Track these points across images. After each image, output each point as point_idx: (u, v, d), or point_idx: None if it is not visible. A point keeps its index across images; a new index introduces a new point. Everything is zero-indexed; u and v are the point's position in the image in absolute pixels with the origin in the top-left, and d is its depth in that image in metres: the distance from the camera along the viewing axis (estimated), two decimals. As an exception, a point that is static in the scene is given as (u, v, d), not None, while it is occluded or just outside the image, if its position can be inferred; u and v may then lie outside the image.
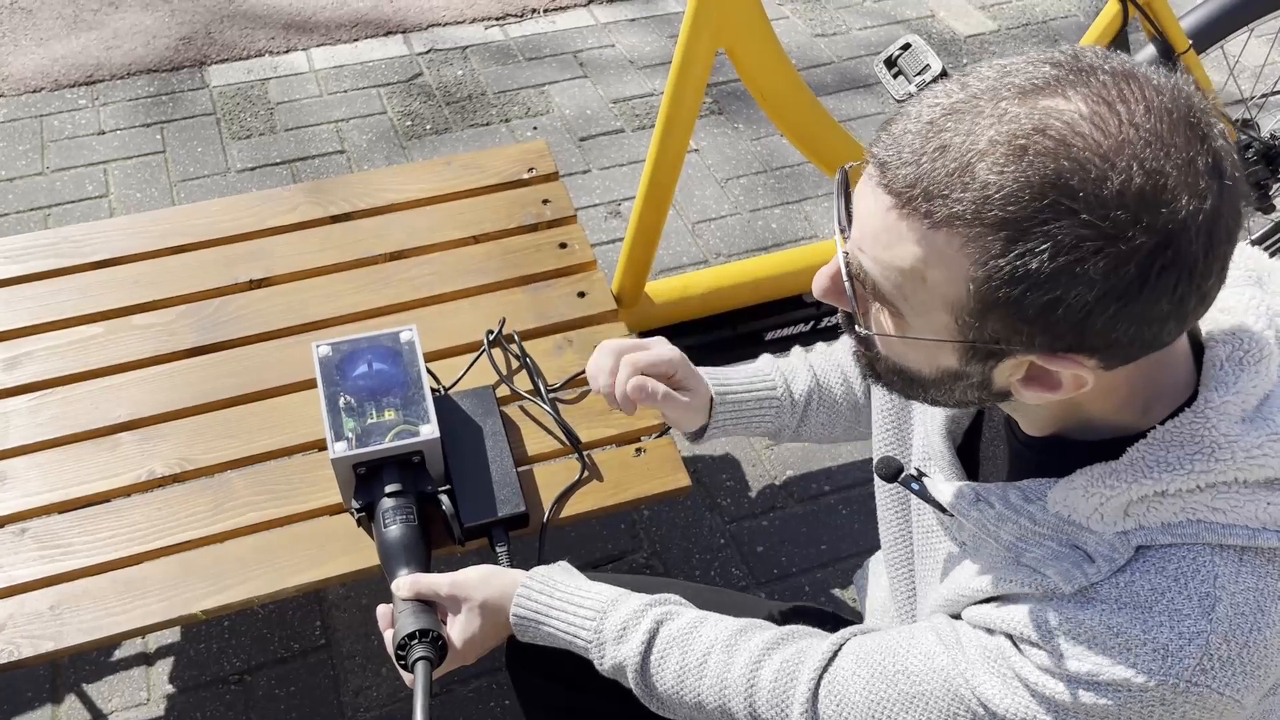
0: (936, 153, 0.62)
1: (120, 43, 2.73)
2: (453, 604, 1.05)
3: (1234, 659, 0.67)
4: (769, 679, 0.91)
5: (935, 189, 0.62)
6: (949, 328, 0.67)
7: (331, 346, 1.27)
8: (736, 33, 1.29)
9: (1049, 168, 0.59)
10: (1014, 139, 0.60)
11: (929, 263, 0.64)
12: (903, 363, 0.73)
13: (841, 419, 1.18)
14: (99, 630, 1.16)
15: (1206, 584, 0.68)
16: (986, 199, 0.60)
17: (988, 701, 0.76)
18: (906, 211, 0.63)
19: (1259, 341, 0.70)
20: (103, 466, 1.29)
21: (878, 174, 0.65)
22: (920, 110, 0.65)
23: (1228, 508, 0.68)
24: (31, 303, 1.45)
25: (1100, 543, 0.71)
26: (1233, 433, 0.68)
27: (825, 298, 0.74)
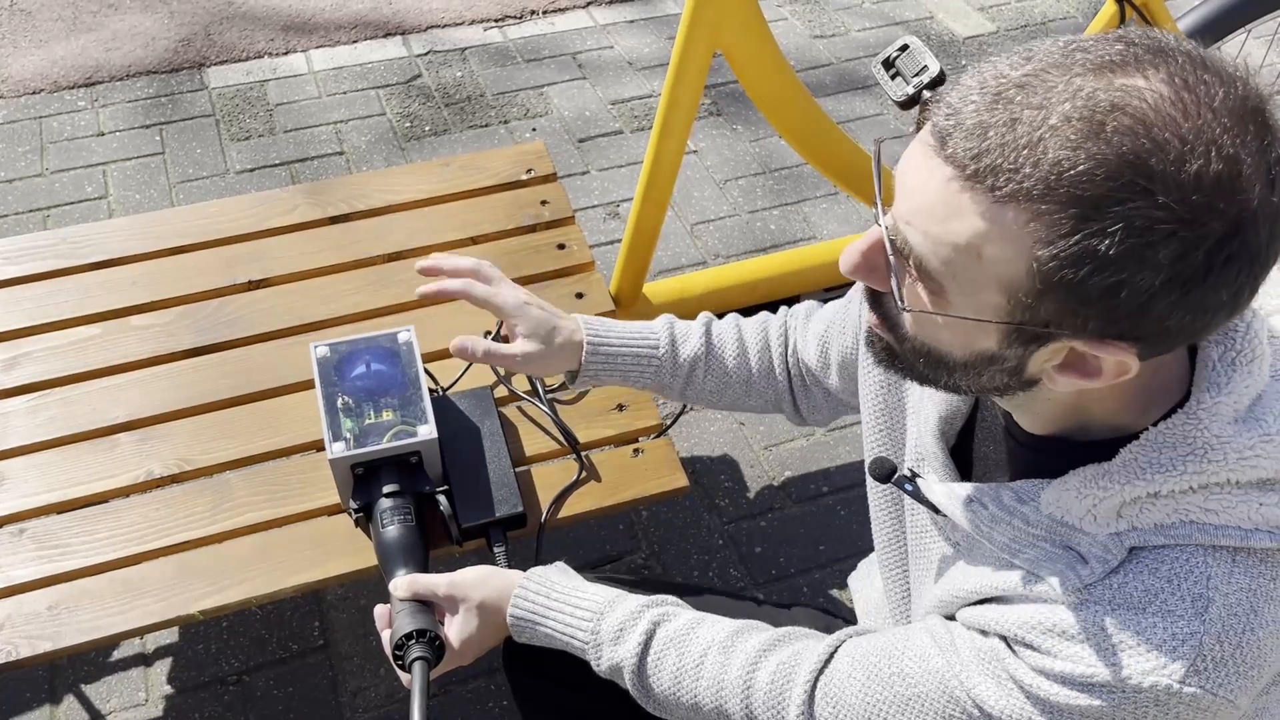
0: (1005, 126, 0.59)
1: (120, 44, 2.74)
2: (450, 604, 1.05)
3: (1227, 659, 0.67)
4: (765, 681, 0.91)
5: (1004, 163, 0.59)
6: (999, 308, 0.64)
7: (329, 347, 1.27)
8: (733, 34, 1.29)
9: (1127, 146, 0.57)
10: (1091, 115, 0.58)
11: (989, 239, 0.61)
12: (934, 344, 0.71)
13: (731, 389, 1.17)
14: (97, 630, 1.16)
15: (1199, 585, 0.68)
16: (1059, 175, 0.58)
17: (982, 703, 0.76)
18: (970, 184, 0.61)
19: (1252, 342, 0.70)
20: (101, 467, 1.29)
21: (937, 144, 0.63)
22: (984, 81, 0.62)
23: (1220, 509, 0.68)
24: (30, 304, 1.45)
25: (1094, 544, 0.71)
26: (1225, 434, 0.68)
27: (855, 274, 0.71)
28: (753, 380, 1.17)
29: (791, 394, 1.18)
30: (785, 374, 1.18)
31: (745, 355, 1.17)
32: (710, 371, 1.16)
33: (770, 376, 1.18)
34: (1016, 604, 0.76)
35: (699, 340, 1.16)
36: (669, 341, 1.14)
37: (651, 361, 1.13)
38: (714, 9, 1.27)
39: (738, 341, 1.17)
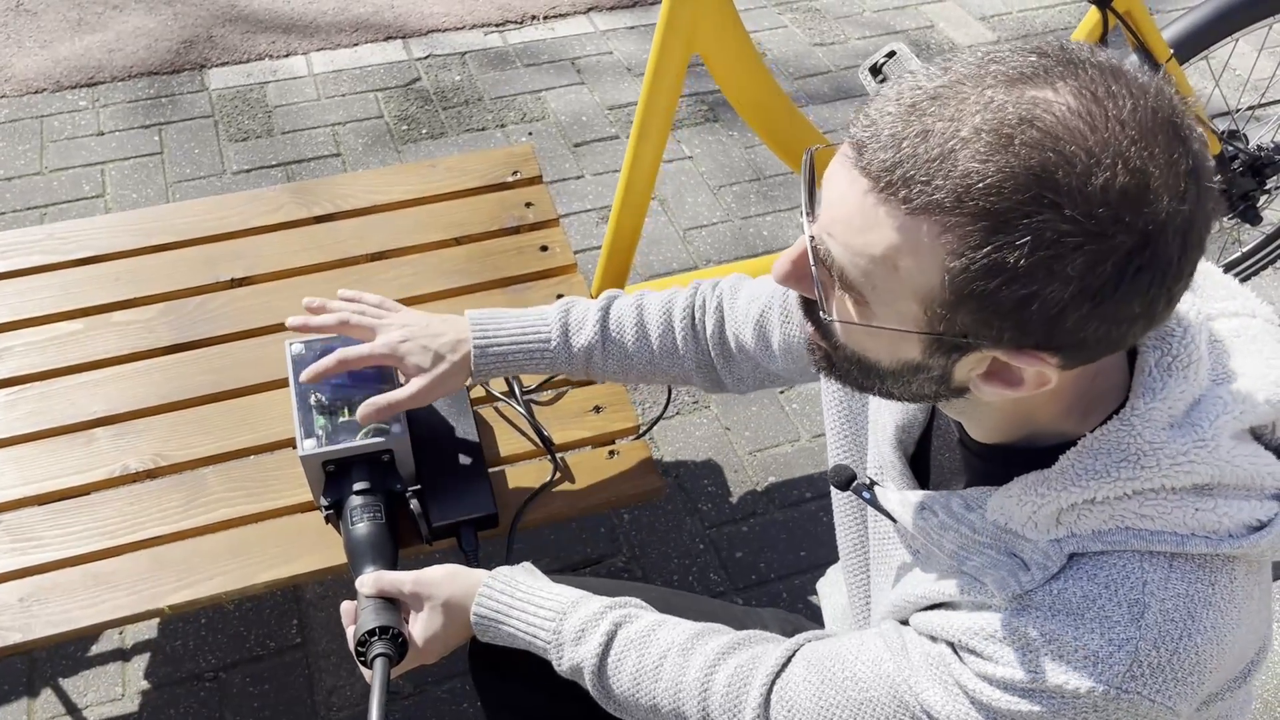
0: (918, 138, 0.60)
1: (123, 45, 2.76)
2: (415, 601, 1.05)
3: (1164, 665, 0.66)
4: (723, 684, 0.91)
5: (916, 174, 0.59)
6: (916, 318, 0.65)
7: (305, 345, 1.27)
8: (709, 38, 1.30)
9: (1034, 160, 0.57)
10: (1000, 127, 0.58)
11: (903, 250, 0.62)
12: (862, 352, 0.71)
13: (635, 368, 1.18)
14: (67, 623, 1.16)
15: (1135, 590, 0.67)
16: (968, 188, 0.58)
17: (929, 707, 0.76)
18: (884, 196, 0.61)
19: (1189, 347, 0.70)
20: (77, 461, 1.30)
21: (854, 155, 0.63)
22: (900, 93, 0.62)
23: (1155, 514, 0.68)
24: (14, 298, 1.46)
25: (1035, 550, 0.71)
26: (1158, 440, 0.68)
27: (786, 282, 0.72)
28: (655, 359, 1.18)
29: (711, 366, 1.18)
30: (697, 351, 1.17)
31: (646, 335, 1.17)
32: (609, 355, 1.17)
33: (674, 354, 1.17)
34: (963, 610, 0.76)
35: (594, 327, 1.16)
36: (561, 332, 1.16)
37: (545, 354, 1.15)
38: (690, 12, 1.27)
39: (637, 323, 1.17)
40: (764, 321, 1.11)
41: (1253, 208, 1.79)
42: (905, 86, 0.63)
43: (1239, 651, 0.71)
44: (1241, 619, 0.69)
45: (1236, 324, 0.76)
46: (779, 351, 1.10)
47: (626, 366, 1.17)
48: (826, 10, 3.04)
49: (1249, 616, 0.70)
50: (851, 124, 0.64)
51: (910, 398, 0.74)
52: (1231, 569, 0.69)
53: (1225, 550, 0.67)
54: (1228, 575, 0.68)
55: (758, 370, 1.16)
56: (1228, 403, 0.69)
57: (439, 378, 1.13)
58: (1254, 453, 0.69)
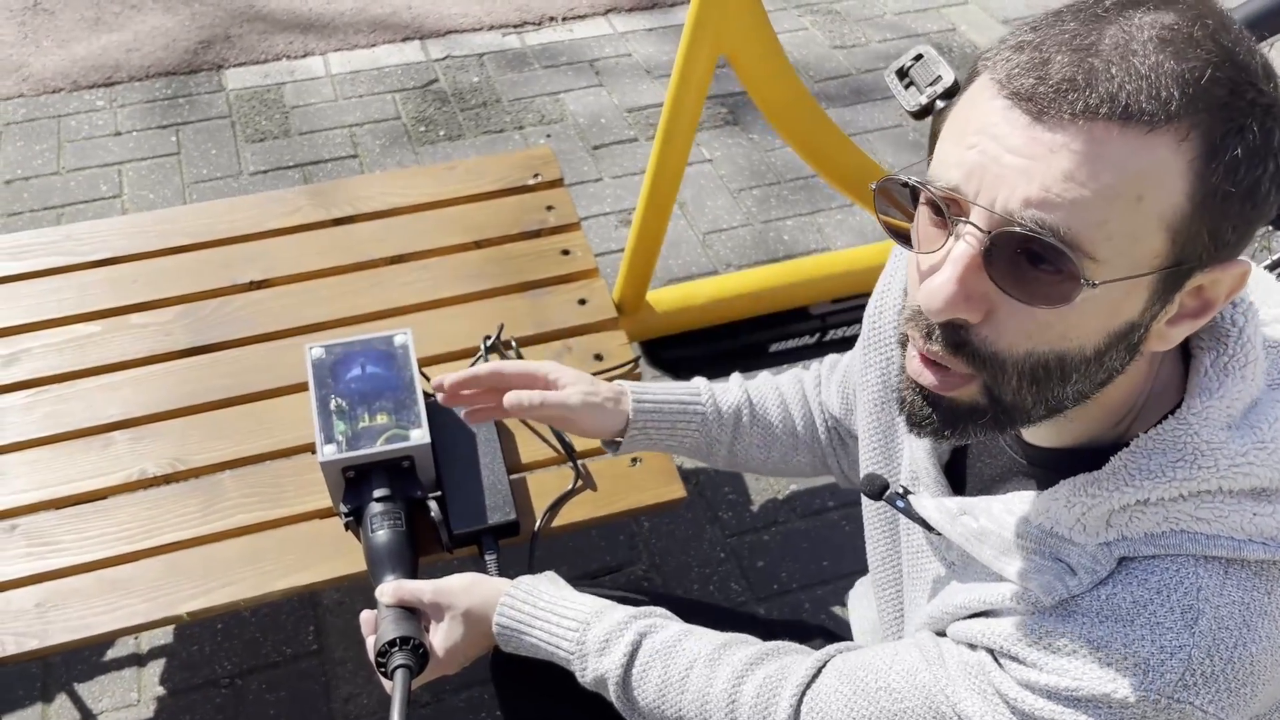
0: (1116, 64, 0.57)
1: (140, 45, 2.75)
2: (435, 611, 1.03)
3: (1217, 675, 0.64)
4: (751, 695, 0.89)
5: (1141, 94, 0.56)
6: (1158, 253, 0.59)
7: (325, 349, 1.26)
8: (737, 40, 1.28)
9: (1215, 51, 0.57)
10: (1171, 31, 0.57)
11: (1146, 177, 0.57)
12: (1056, 348, 0.63)
13: (779, 443, 1.13)
14: (84, 630, 1.15)
15: (1190, 596, 0.65)
16: (1192, 86, 0.56)
17: (966, 717, 0.74)
18: (1113, 128, 0.56)
19: (1245, 347, 0.68)
20: (95, 465, 1.28)
21: (1039, 111, 0.58)
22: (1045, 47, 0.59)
23: (1212, 518, 0.65)
24: (32, 300, 1.45)
25: (1083, 555, 0.69)
26: (1216, 439, 0.65)
27: (954, 309, 0.62)
28: (799, 434, 1.14)
29: (834, 451, 1.15)
30: (825, 428, 1.15)
31: (787, 409, 1.14)
32: (755, 422, 1.12)
33: (813, 429, 1.15)
34: (1005, 616, 0.74)
35: (739, 392, 1.13)
36: (709, 392, 1.12)
37: (696, 411, 1.10)
38: (717, 13, 1.25)
39: (777, 395, 1.15)
40: (846, 382, 1.09)
41: None
42: (1048, 40, 0.59)
43: None
44: None
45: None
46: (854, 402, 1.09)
47: (770, 439, 1.13)
48: (847, 13, 3.02)
49: None
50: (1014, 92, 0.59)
51: (1074, 398, 0.67)
52: None
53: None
54: None
55: None
56: None
57: (594, 405, 1.06)
58: None
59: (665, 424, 1.09)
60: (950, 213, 0.62)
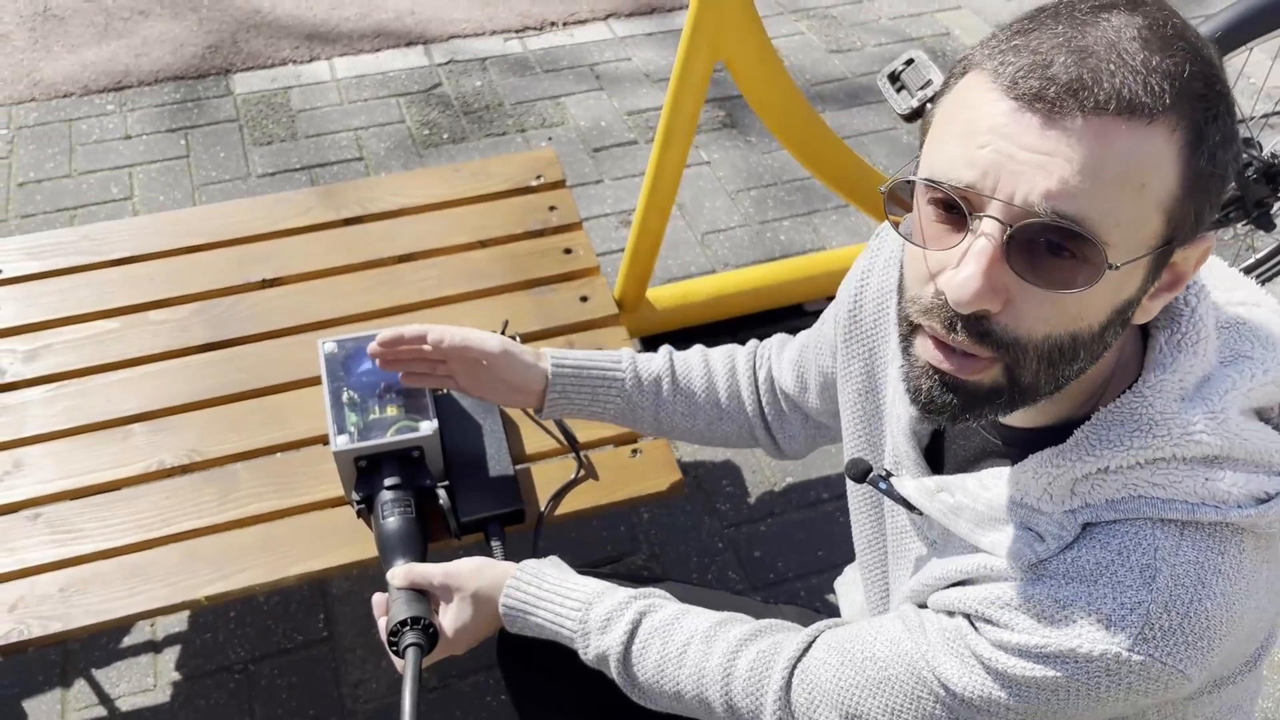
0: (1113, 62, 0.61)
1: (149, 50, 2.80)
2: (445, 593, 1.07)
3: (1175, 629, 0.69)
4: (745, 669, 0.93)
5: (1140, 89, 0.61)
6: (1156, 233, 0.65)
7: (337, 343, 1.30)
8: (734, 45, 1.33)
9: (1188, 46, 0.63)
10: (1151, 29, 0.63)
11: (1148, 164, 0.62)
12: (1070, 329, 0.67)
13: (702, 412, 1.19)
14: (106, 613, 1.20)
15: (1148, 556, 0.70)
16: (1179, 79, 0.62)
17: (947, 681, 0.78)
18: (1119, 122, 0.61)
19: (1197, 326, 0.73)
20: (114, 456, 1.33)
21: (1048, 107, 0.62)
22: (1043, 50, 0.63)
23: (1167, 483, 0.70)
24: (52, 297, 1.50)
25: (1050, 522, 0.74)
26: (1169, 410, 0.70)
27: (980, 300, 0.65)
28: (722, 405, 1.19)
29: (765, 424, 1.20)
30: (756, 403, 1.20)
31: (712, 380, 1.19)
32: (678, 392, 1.18)
33: (739, 402, 1.19)
34: (980, 584, 0.78)
35: (663, 362, 1.19)
36: (631, 361, 1.18)
37: (615, 378, 1.16)
38: (715, 19, 1.30)
39: (703, 367, 1.20)
40: (803, 361, 1.14)
41: (1266, 214, 1.80)
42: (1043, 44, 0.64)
43: (1249, 626, 0.73)
44: (1250, 591, 0.71)
45: (1243, 312, 0.79)
46: (815, 388, 1.13)
47: (693, 408, 1.18)
48: (843, 18, 3.07)
49: (1258, 590, 0.72)
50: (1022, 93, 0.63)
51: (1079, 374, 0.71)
52: (1240, 541, 0.71)
53: (1234, 519, 0.70)
54: (1236, 546, 0.71)
55: (806, 425, 1.19)
56: (1236, 380, 0.73)
57: (515, 358, 1.13)
58: (1261, 429, 0.72)
59: (585, 389, 1.15)
60: (969, 210, 0.65)
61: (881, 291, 0.99)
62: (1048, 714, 0.75)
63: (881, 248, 1.00)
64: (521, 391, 1.15)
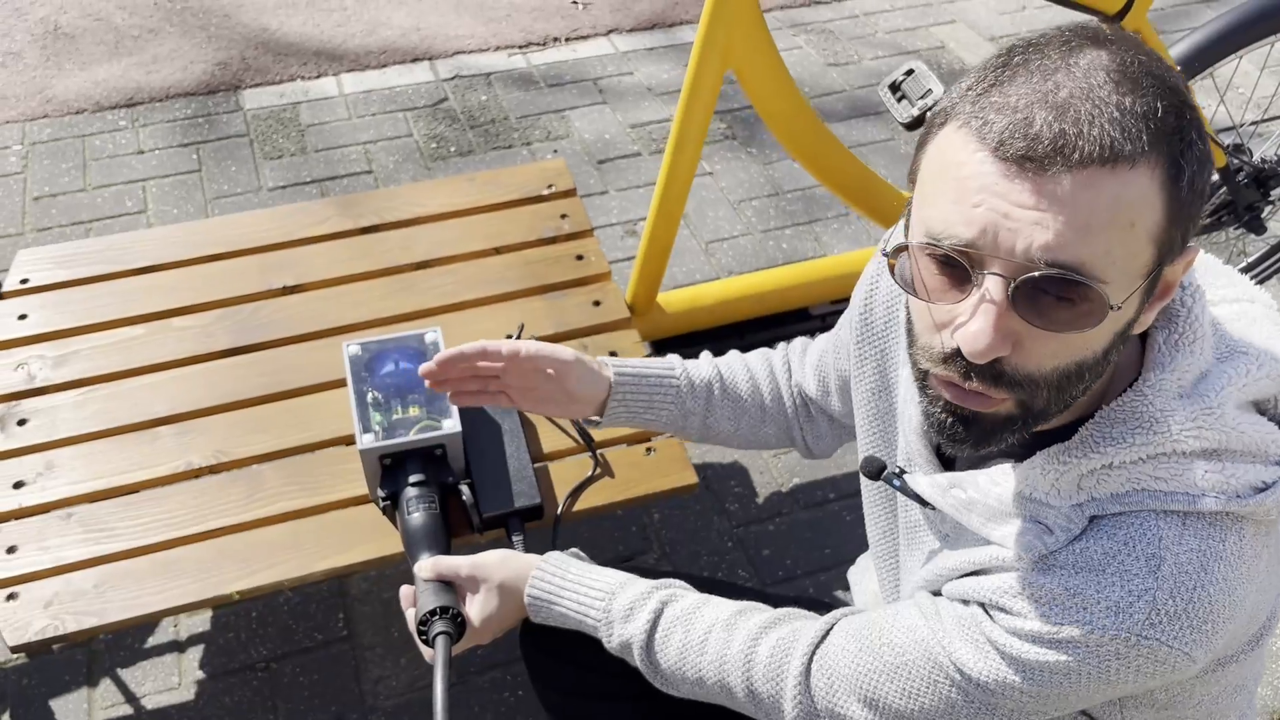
0: (1095, 110, 0.65)
1: (159, 67, 2.85)
2: (472, 584, 1.10)
3: (1180, 614, 0.73)
4: (765, 655, 0.96)
5: (1121, 135, 0.65)
6: (1148, 263, 0.69)
7: (361, 346, 1.34)
8: (744, 55, 1.37)
9: (1160, 79, 0.67)
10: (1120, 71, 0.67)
11: (1136, 205, 0.66)
12: (1077, 357, 0.71)
13: (747, 415, 1.21)
14: (139, 608, 1.23)
15: (1152, 545, 0.74)
16: (1154, 119, 0.66)
17: (963, 666, 0.82)
18: (1106, 170, 0.65)
19: (1193, 325, 0.77)
20: (143, 457, 1.37)
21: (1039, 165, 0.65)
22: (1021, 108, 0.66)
23: (1169, 476, 0.74)
24: (78, 305, 1.54)
25: (1058, 516, 0.78)
26: (1169, 408, 0.75)
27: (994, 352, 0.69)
28: (766, 407, 1.22)
29: (799, 425, 1.24)
30: (792, 404, 1.23)
31: (756, 384, 1.22)
32: (726, 395, 1.20)
33: (780, 404, 1.23)
34: (993, 574, 0.82)
35: (709, 367, 1.21)
36: (683, 367, 1.19)
37: (671, 384, 1.17)
38: (725, 31, 1.35)
39: (746, 371, 1.23)
40: (823, 364, 1.18)
41: (1258, 218, 1.86)
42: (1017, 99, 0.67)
43: (1250, 608, 0.77)
44: (1252, 575, 0.75)
45: (1237, 309, 0.83)
46: (836, 390, 1.17)
47: (740, 411, 1.20)
48: (840, 32, 3.13)
49: (1259, 575, 0.76)
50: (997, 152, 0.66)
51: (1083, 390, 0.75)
52: (1241, 528, 0.75)
53: (1234, 508, 0.74)
54: (1237, 534, 0.75)
55: (833, 426, 1.23)
56: (1232, 376, 0.77)
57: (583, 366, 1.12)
58: (1257, 422, 0.76)
59: (643, 395, 1.16)
60: (971, 266, 0.69)
61: (891, 295, 1.03)
62: (1059, 695, 0.79)
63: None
64: (580, 401, 1.14)
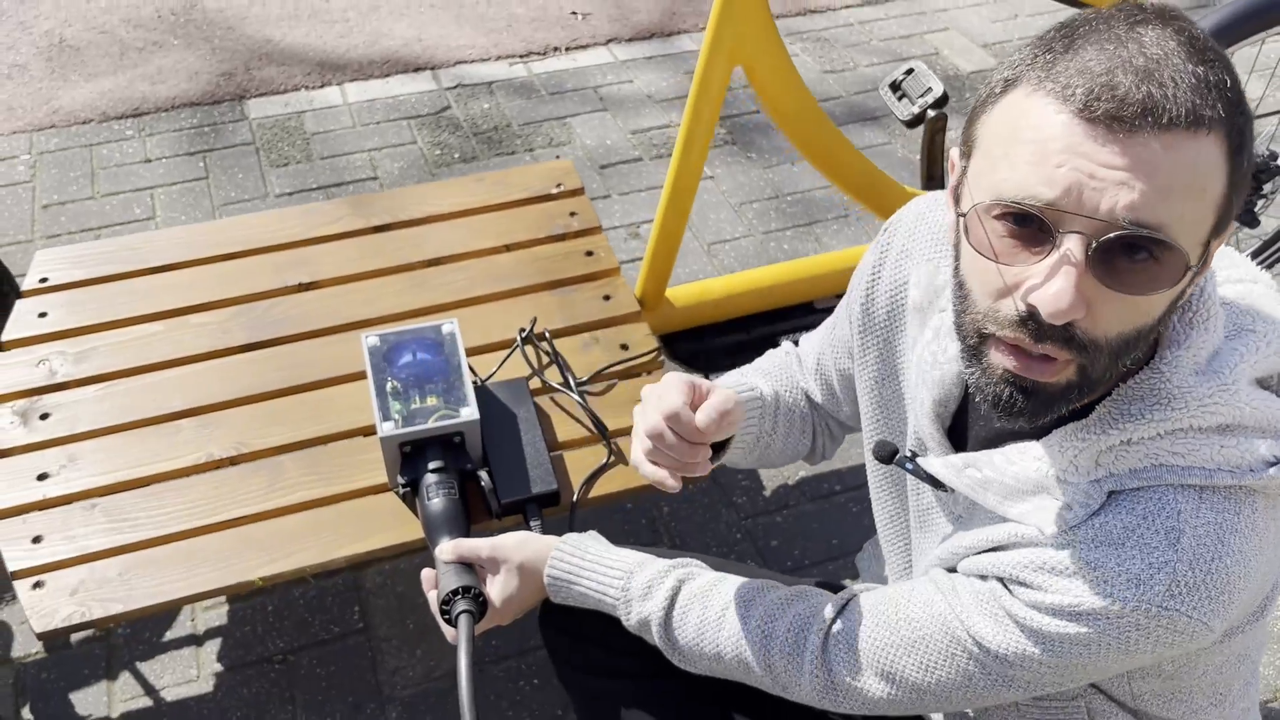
0: (1174, 77, 0.67)
1: (165, 78, 2.88)
2: (492, 565, 1.13)
3: (1199, 584, 0.75)
4: (783, 631, 0.98)
5: (1200, 100, 0.67)
6: (1209, 230, 0.71)
7: (379, 337, 1.37)
8: (752, 51, 1.41)
9: (1219, 58, 0.70)
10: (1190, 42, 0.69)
11: (1206, 173, 0.68)
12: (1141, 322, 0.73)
13: (794, 425, 1.20)
14: (164, 594, 1.25)
15: (1171, 519, 0.76)
16: (1224, 90, 0.68)
17: (982, 639, 0.84)
18: (1188, 136, 0.67)
19: (1206, 304, 0.79)
20: (164, 450, 1.39)
21: (1127, 124, 0.67)
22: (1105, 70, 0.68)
23: (1186, 451, 0.77)
24: (96, 304, 1.56)
25: (1076, 492, 0.80)
26: (1186, 384, 0.77)
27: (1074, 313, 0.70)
28: (805, 413, 1.21)
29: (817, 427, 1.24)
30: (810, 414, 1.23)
31: (792, 391, 1.21)
32: (780, 405, 1.19)
33: (808, 406, 1.23)
34: (1011, 550, 0.84)
35: (758, 378, 1.20)
36: (752, 380, 1.18)
37: (754, 400, 1.15)
38: (734, 28, 1.38)
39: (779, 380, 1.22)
40: (822, 365, 1.18)
41: (1250, 211, 1.89)
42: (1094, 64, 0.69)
43: (1261, 579, 0.79)
44: (1263, 547, 0.77)
45: (1242, 289, 0.86)
46: (839, 388, 1.17)
47: (790, 423, 1.19)
48: (836, 39, 3.17)
49: (1269, 546, 0.78)
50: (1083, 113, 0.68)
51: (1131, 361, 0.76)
52: (1254, 502, 0.77)
53: (1248, 482, 0.76)
54: (1250, 507, 0.77)
55: (841, 429, 1.23)
56: (1243, 353, 0.79)
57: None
58: (1267, 398, 0.79)
59: (751, 414, 1.13)
60: (1052, 226, 0.70)
61: (894, 284, 1.04)
62: (1078, 665, 0.81)
63: (891, 243, 1.05)
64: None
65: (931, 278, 0.97)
